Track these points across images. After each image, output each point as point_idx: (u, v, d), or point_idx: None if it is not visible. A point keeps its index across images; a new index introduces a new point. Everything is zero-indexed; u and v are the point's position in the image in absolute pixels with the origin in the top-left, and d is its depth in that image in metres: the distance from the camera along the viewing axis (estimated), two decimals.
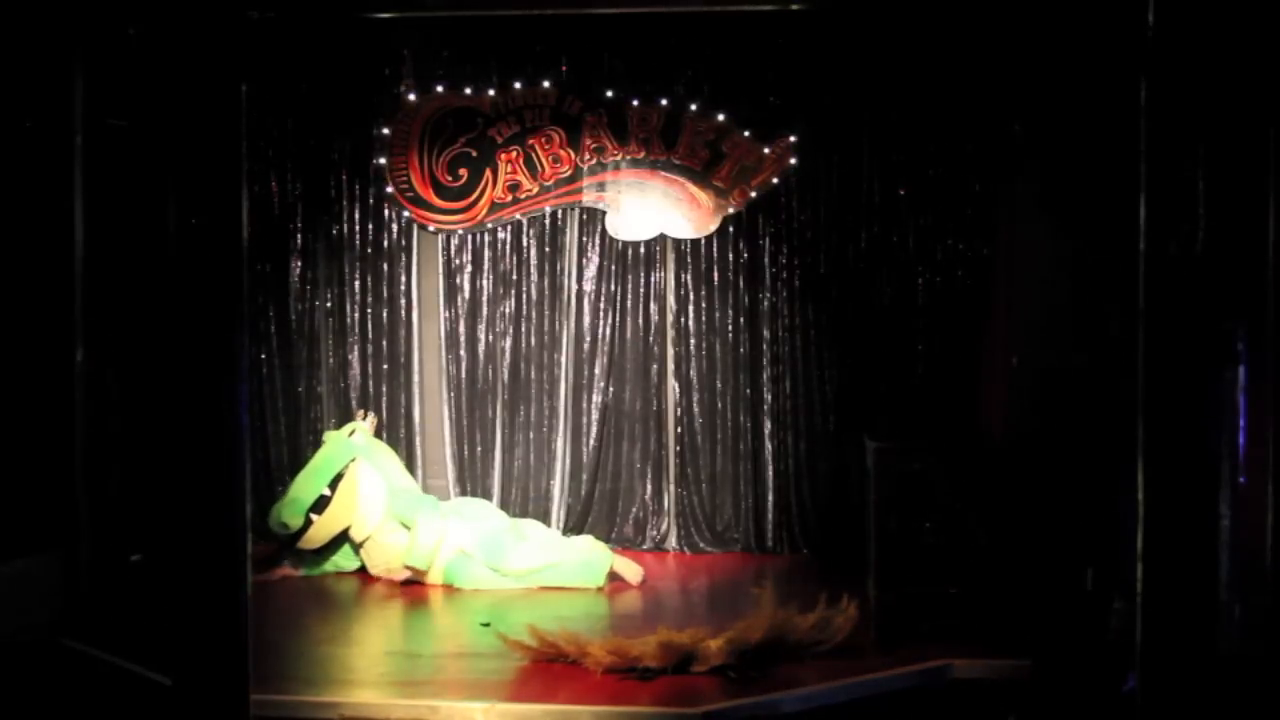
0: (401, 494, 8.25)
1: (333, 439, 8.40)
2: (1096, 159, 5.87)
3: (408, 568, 8.00)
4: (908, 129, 8.69)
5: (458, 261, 9.13)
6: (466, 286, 9.12)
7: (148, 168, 6.46)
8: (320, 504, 8.11)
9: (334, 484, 8.15)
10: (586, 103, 8.94)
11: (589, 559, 8.10)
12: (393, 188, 9.08)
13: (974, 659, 6.17)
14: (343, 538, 8.21)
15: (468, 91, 8.98)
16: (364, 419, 8.54)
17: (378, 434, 8.71)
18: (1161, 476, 4.07)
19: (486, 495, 9.06)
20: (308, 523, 8.08)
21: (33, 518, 6.39)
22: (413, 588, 7.96)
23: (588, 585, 7.96)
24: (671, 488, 9.04)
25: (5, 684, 5.60)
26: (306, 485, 8.15)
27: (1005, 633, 6.34)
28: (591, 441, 9.05)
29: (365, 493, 8.12)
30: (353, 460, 8.21)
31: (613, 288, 9.04)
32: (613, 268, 9.04)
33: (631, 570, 8.11)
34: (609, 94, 8.91)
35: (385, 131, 9.03)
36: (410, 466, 9.08)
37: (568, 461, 9.08)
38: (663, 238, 9.01)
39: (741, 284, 8.96)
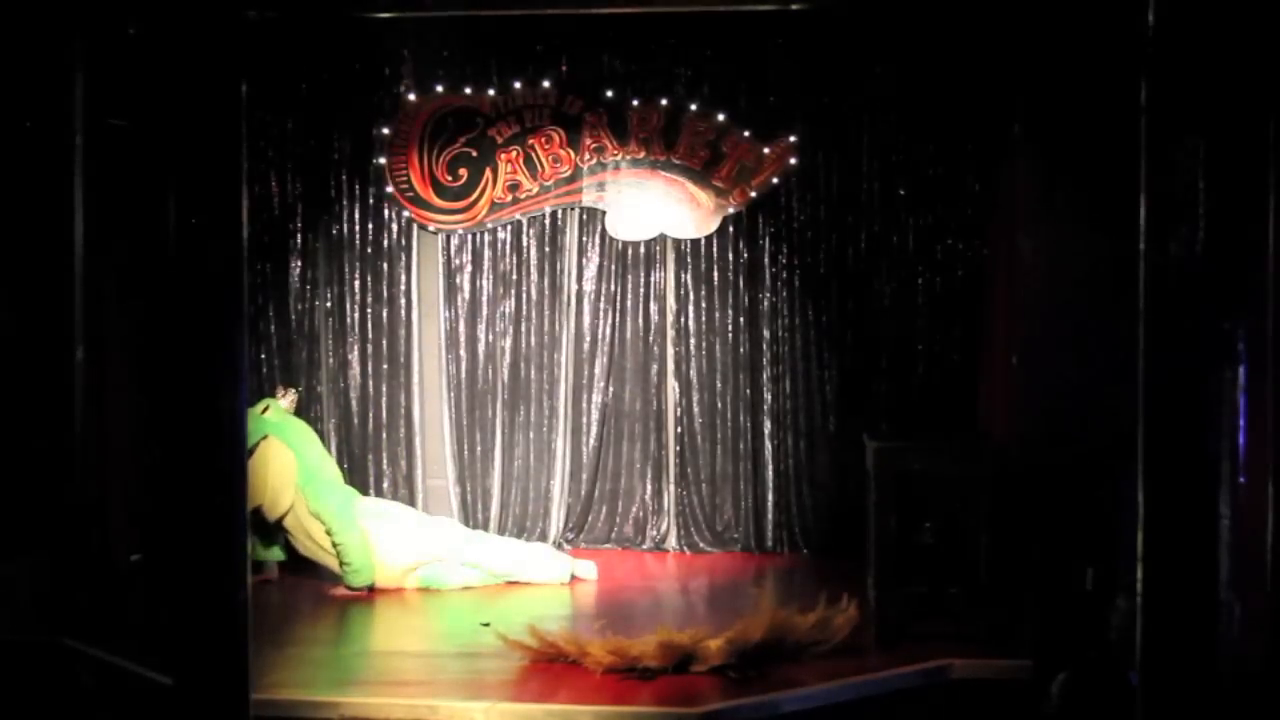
0: (314, 476, 8.01)
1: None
2: (1096, 158, 5.87)
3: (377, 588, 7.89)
4: (908, 129, 8.70)
5: (458, 261, 9.14)
6: (466, 286, 9.13)
7: (148, 168, 6.46)
8: None
9: None
10: (586, 103, 8.95)
11: (549, 554, 8.23)
12: (393, 188, 9.08)
13: (974, 659, 6.17)
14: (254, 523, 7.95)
15: (468, 91, 8.98)
16: (283, 396, 8.32)
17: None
18: (1161, 476, 4.07)
19: (486, 496, 9.07)
20: None
21: (32, 517, 6.39)
22: (406, 589, 7.94)
23: (556, 580, 8.02)
24: (671, 488, 9.04)
25: (5, 684, 5.60)
26: None
27: (1005, 633, 6.34)
28: (591, 441, 9.05)
29: (275, 470, 7.89)
30: (263, 438, 7.95)
31: (613, 288, 9.04)
32: (613, 268, 9.04)
33: (585, 568, 8.19)
34: (609, 94, 8.92)
35: (385, 131, 9.04)
36: (410, 466, 9.10)
37: (568, 461, 9.09)
38: (663, 238, 9.01)
39: (741, 284, 8.96)
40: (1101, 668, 5.16)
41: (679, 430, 9.01)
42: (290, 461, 7.99)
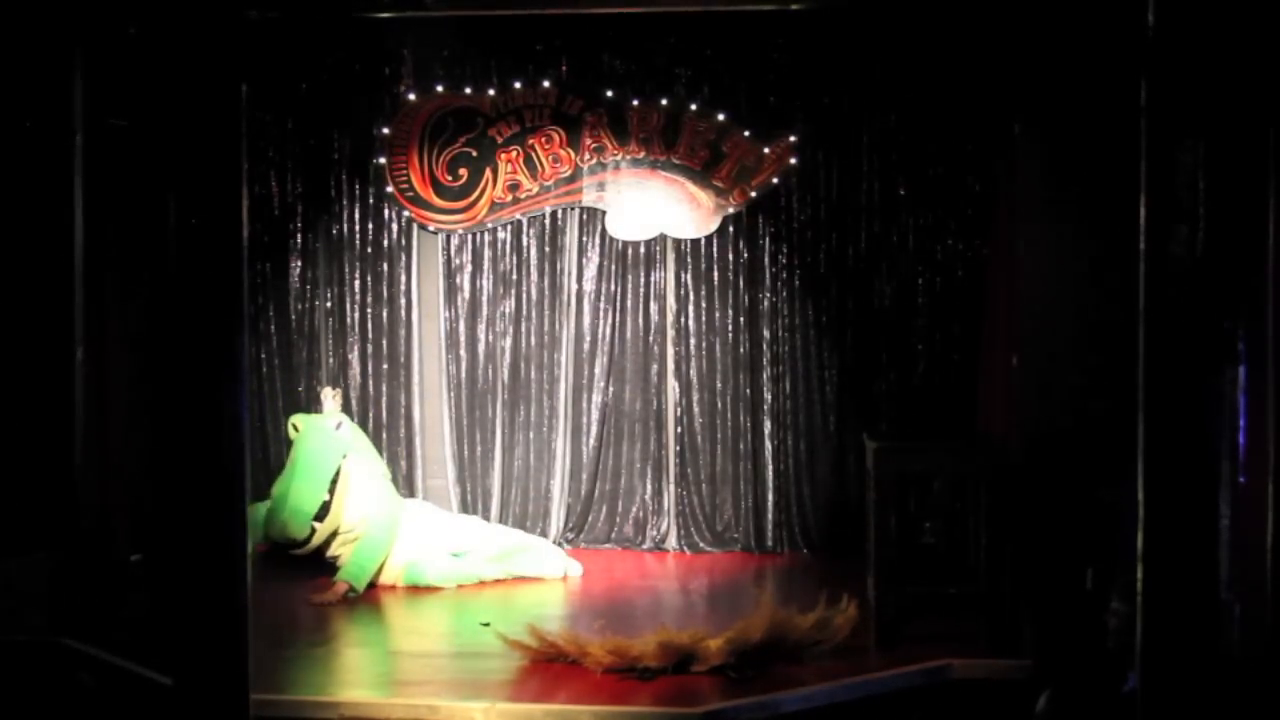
0: (381, 491, 8.04)
1: (316, 431, 8.06)
2: (1096, 158, 5.88)
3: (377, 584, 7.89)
4: (908, 129, 8.70)
5: (458, 261, 9.14)
6: (466, 286, 9.13)
7: (148, 168, 6.47)
8: (321, 509, 7.88)
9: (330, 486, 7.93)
10: (586, 103, 8.95)
11: (546, 547, 8.31)
12: (393, 188, 9.08)
13: (974, 659, 6.17)
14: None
15: (468, 91, 8.98)
16: (334, 398, 8.27)
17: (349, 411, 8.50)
18: (1161, 476, 4.07)
19: (487, 495, 9.07)
20: (311, 531, 7.86)
21: (32, 517, 6.39)
22: (403, 589, 7.92)
23: (552, 575, 8.08)
24: (671, 488, 9.04)
25: (5, 684, 5.60)
26: (308, 494, 7.84)
27: (1005, 633, 6.34)
28: (591, 441, 9.05)
29: (357, 491, 7.91)
30: (344, 457, 7.98)
31: (613, 288, 9.04)
32: (613, 268, 9.04)
33: (572, 566, 8.25)
34: (609, 94, 8.91)
35: (385, 131, 9.04)
36: (410, 466, 9.10)
37: (568, 461, 9.09)
38: (663, 238, 9.01)
39: (741, 284, 8.96)
40: (1093, 676, 5.16)
41: (679, 430, 9.01)
42: (369, 482, 7.96)
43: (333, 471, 7.94)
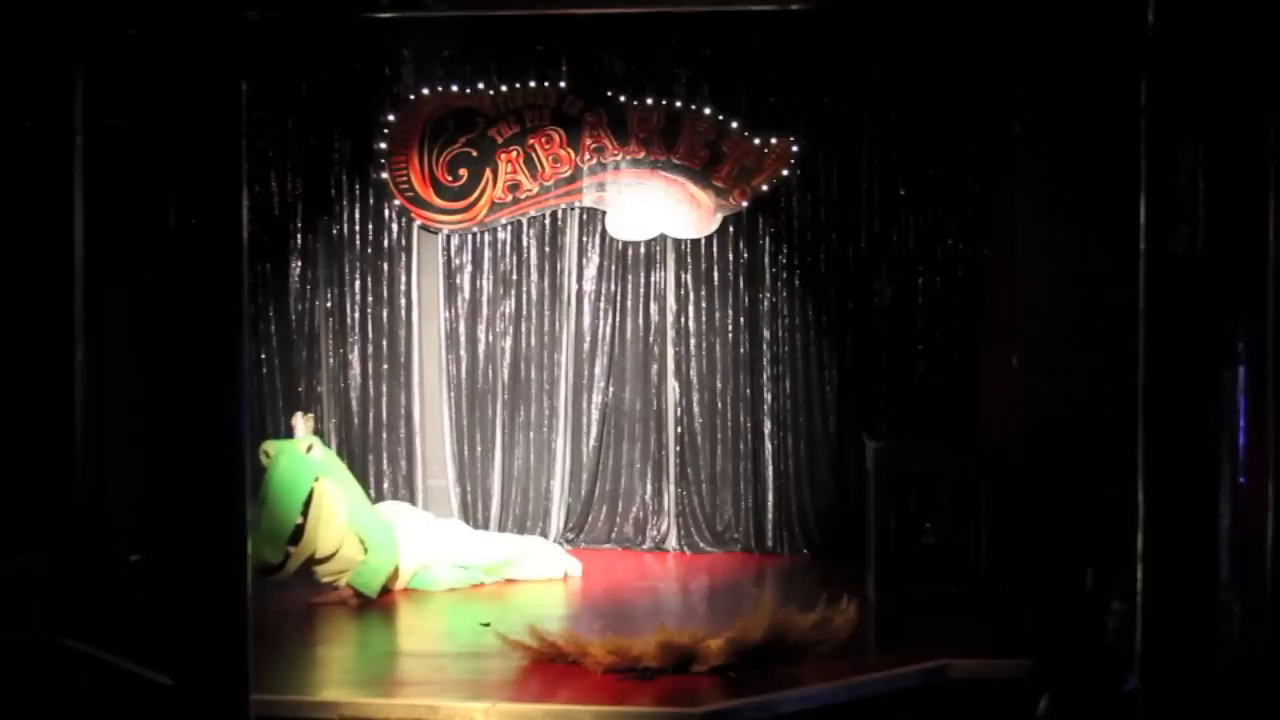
0: (358, 508, 7.89)
1: (287, 455, 7.83)
2: (1096, 158, 5.88)
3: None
4: (907, 129, 8.71)
5: (458, 261, 9.14)
6: (466, 286, 9.13)
7: (148, 168, 6.48)
8: (295, 533, 7.65)
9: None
10: (586, 103, 8.95)
11: (546, 550, 8.28)
12: (393, 188, 9.08)
13: (974, 659, 6.17)
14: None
15: (468, 91, 8.99)
16: (304, 422, 8.07)
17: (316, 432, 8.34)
18: (1161, 476, 4.07)
19: (487, 496, 9.08)
20: (285, 555, 7.64)
21: (32, 517, 6.40)
22: (403, 590, 7.92)
23: (552, 574, 8.09)
24: (671, 488, 9.04)
25: (5, 684, 5.61)
26: (280, 518, 7.64)
27: (1005, 633, 6.34)
28: (591, 441, 9.05)
29: (330, 514, 7.72)
30: (316, 480, 7.75)
31: (613, 288, 9.04)
32: (613, 268, 9.04)
33: (573, 565, 8.25)
34: (609, 94, 8.92)
35: (385, 132, 9.04)
36: (410, 466, 9.11)
37: (568, 461, 9.09)
38: (663, 238, 9.01)
39: (741, 284, 8.96)
40: (1093, 676, 5.16)
41: (679, 430, 9.01)
42: (343, 504, 7.81)
43: (304, 495, 7.71)
